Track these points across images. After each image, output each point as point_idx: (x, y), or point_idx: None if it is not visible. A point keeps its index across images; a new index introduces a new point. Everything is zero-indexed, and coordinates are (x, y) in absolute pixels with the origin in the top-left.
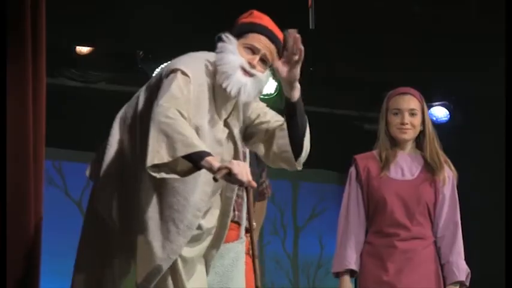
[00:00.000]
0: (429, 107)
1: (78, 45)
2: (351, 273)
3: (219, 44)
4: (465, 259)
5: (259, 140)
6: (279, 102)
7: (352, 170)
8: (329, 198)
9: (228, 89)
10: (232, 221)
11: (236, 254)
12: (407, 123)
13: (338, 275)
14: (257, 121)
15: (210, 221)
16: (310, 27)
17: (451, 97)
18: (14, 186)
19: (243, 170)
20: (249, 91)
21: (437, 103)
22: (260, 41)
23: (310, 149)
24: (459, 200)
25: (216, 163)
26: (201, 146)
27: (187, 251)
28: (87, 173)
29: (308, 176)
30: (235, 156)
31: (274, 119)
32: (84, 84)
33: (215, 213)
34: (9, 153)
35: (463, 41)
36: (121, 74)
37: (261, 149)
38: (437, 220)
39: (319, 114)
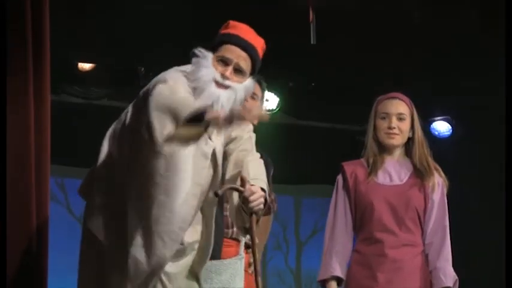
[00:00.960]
0: (431, 121)
1: (80, 62)
2: (338, 281)
3: (193, 59)
4: (465, 268)
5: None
6: (281, 117)
7: (339, 177)
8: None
9: (200, 101)
10: (230, 238)
11: (234, 270)
12: (394, 128)
13: (324, 283)
14: (232, 144)
15: (192, 236)
16: (312, 42)
17: (453, 111)
18: (17, 203)
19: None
20: (222, 103)
21: (439, 118)
22: (231, 52)
23: (312, 165)
24: (462, 211)
25: (216, 112)
26: (196, 104)
27: (172, 267)
28: (80, 191)
29: (310, 191)
30: (215, 172)
31: (241, 150)
32: (86, 100)
33: (197, 227)
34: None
35: (464, 56)
36: (122, 90)
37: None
38: (425, 226)
39: (320, 129)
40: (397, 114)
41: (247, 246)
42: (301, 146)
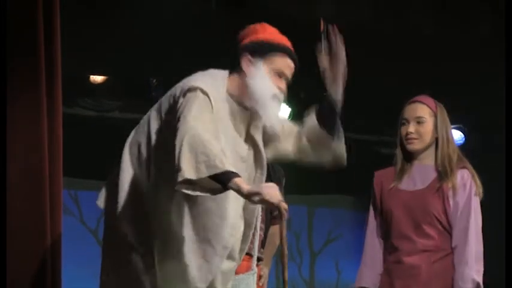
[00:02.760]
0: None
1: (92, 74)
2: None
3: (249, 69)
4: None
5: (281, 139)
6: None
7: (372, 186)
8: (345, 224)
9: (264, 119)
10: None
11: (247, 285)
12: (412, 133)
13: None
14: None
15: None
16: (322, 51)
17: (466, 120)
18: (31, 216)
19: (272, 192)
20: (279, 116)
21: (452, 126)
22: (287, 65)
23: (325, 174)
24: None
25: (244, 185)
26: (227, 166)
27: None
28: (100, 203)
29: (323, 201)
30: (261, 167)
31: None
32: (98, 113)
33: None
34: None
35: (478, 64)
36: (134, 102)
37: (286, 147)
38: (451, 230)
39: None
40: (415, 118)
41: (258, 260)
42: None
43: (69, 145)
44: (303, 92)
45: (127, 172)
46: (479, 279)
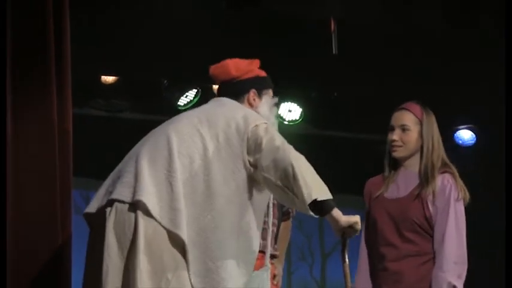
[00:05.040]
0: (455, 130)
1: (103, 75)
2: None
3: (256, 102)
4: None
5: None
6: (303, 128)
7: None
8: None
9: None
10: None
11: (262, 281)
12: (396, 140)
13: None
14: None
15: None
16: (333, 52)
17: (477, 120)
18: (39, 216)
19: (359, 225)
20: None
21: (462, 126)
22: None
23: (335, 175)
24: (483, 218)
25: (342, 216)
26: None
27: None
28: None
29: (335, 201)
30: None
31: None
32: (110, 113)
33: None
34: (35, 184)
35: (489, 65)
36: (146, 103)
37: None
38: (433, 235)
39: (342, 139)
40: (400, 126)
41: (272, 257)
42: (324, 156)
43: (80, 146)
44: (314, 92)
45: (179, 180)
46: (457, 282)
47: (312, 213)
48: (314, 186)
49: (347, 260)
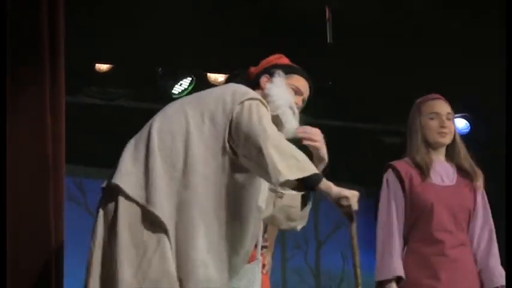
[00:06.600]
0: None
1: (97, 63)
2: (397, 280)
3: (274, 79)
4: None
5: None
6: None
7: (390, 176)
8: None
9: (285, 126)
10: None
11: (252, 275)
12: (446, 127)
13: (382, 283)
14: None
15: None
16: (328, 41)
17: (471, 109)
18: (33, 204)
19: (356, 199)
20: (294, 132)
21: (457, 115)
22: (303, 84)
23: (330, 163)
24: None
25: (333, 187)
26: (315, 169)
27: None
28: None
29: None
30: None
31: None
32: (104, 101)
33: None
34: (28, 172)
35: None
36: (140, 91)
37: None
38: (472, 226)
39: (339, 128)
40: (447, 114)
41: (262, 247)
42: None
43: (75, 133)
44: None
45: (157, 156)
46: None
47: (294, 191)
48: (282, 168)
49: (356, 248)
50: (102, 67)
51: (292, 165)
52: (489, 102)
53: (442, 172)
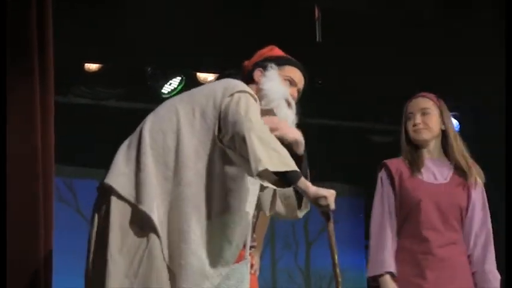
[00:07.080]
0: None
1: (86, 63)
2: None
3: (261, 78)
4: None
5: None
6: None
7: (383, 174)
8: (341, 211)
9: (278, 113)
10: None
11: (241, 274)
12: (419, 123)
13: (375, 278)
14: None
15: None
16: (317, 39)
17: (461, 108)
18: (22, 205)
19: (333, 198)
20: (289, 124)
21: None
22: (298, 75)
23: (320, 163)
24: None
25: (311, 186)
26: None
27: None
28: (121, 188)
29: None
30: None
31: None
32: (94, 101)
33: None
34: (17, 172)
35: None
36: (130, 91)
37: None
38: (468, 226)
39: (328, 127)
40: (420, 110)
41: (250, 247)
42: (308, 144)
43: (65, 134)
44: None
45: (149, 155)
46: None
47: (271, 184)
48: (263, 157)
49: (334, 247)
50: (92, 67)
51: (273, 156)
52: (479, 101)
53: (435, 170)
